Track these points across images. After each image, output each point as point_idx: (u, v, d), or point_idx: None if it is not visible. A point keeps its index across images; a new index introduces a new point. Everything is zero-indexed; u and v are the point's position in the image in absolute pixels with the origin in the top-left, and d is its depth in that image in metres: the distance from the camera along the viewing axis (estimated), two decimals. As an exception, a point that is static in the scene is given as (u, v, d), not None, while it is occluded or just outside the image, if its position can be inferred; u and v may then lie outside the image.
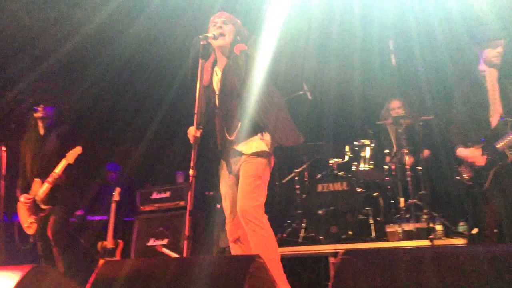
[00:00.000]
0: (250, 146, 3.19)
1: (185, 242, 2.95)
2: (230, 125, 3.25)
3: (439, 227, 4.38)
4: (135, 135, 6.25)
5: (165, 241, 5.22)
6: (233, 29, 3.31)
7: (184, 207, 5.16)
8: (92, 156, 6.33)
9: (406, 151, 4.85)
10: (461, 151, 3.79)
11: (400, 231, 4.51)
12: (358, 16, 5.44)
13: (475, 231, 4.05)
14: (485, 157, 3.66)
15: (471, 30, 3.81)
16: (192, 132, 3.19)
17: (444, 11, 4.72)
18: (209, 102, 3.37)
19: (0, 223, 4.61)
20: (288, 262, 4.64)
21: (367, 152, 5.27)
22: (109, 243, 5.32)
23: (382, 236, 4.70)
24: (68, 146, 4.50)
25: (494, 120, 3.72)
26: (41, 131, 4.66)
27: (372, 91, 5.81)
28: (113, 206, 5.50)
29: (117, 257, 5.28)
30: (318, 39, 5.79)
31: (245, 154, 3.19)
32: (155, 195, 5.48)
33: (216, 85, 3.34)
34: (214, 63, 3.41)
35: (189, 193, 3.01)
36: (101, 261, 5.28)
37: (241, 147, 3.21)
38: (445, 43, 4.53)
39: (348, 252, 1.97)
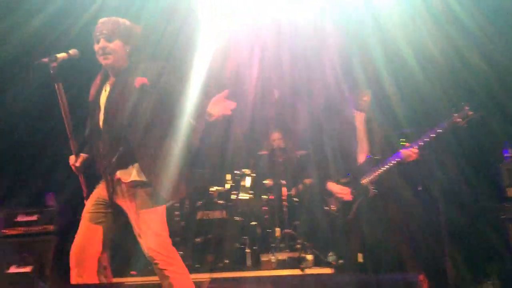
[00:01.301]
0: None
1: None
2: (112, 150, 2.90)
3: (309, 257, 4.59)
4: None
5: (28, 269, 4.80)
6: (120, 44, 2.91)
7: (53, 232, 4.83)
8: None
9: (284, 182, 5.06)
10: (331, 186, 4.05)
11: (274, 260, 4.65)
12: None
13: (341, 261, 4.32)
14: (350, 193, 3.95)
15: (342, 76, 4.14)
16: (72, 161, 2.97)
17: (316, 54, 5.10)
18: (92, 119, 3.01)
19: None
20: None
21: (247, 182, 5.38)
22: (-40, 270, 4.77)
23: (257, 265, 4.79)
24: None
25: (361, 157, 4.05)
26: None
27: (256, 122, 5.99)
28: (-30, 228, 4.96)
29: (-31, 286, 4.73)
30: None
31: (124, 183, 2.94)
32: (20, 218, 5.04)
33: (102, 102, 2.98)
34: (105, 77, 3.04)
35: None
36: (-51, 291, 4.70)
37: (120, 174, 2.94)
38: (320, 80, 4.86)
39: (214, 280, 1.98)
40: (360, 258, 3.98)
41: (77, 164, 2.97)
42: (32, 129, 5.42)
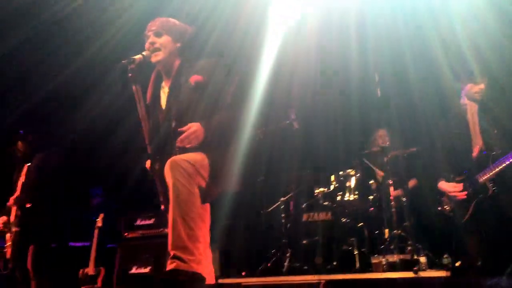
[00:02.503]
0: None
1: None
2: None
3: (423, 259, 4.38)
4: (121, 160, 6.21)
5: (147, 269, 5.14)
6: (169, 39, 2.92)
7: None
8: (75, 180, 6.30)
9: (391, 182, 4.89)
10: (443, 185, 3.84)
11: (384, 263, 4.51)
12: (347, 48, 5.57)
13: (458, 263, 4.07)
14: (466, 191, 3.71)
15: (453, 65, 3.91)
16: (148, 165, 2.98)
17: (427, 46, 4.86)
18: (154, 120, 2.98)
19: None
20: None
21: (352, 182, 5.29)
22: (90, 270, 5.23)
23: (367, 267, 4.69)
24: (40, 169, 4.47)
25: (475, 152, 3.79)
26: (24, 159, 4.67)
27: (359, 121, 5.89)
28: (96, 232, 5.43)
29: (99, 284, 5.17)
30: (306, 70, 5.91)
31: None
32: (139, 222, 5.42)
33: (163, 103, 2.98)
34: (159, 78, 3.03)
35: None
36: (82, 289, 5.19)
37: None
38: (429, 75, 4.64)
39: (328, 282, 1.97)
40: (478, 260, 3.75)
41: (155, 167, 2.93)
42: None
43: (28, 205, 4.37)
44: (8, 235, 4.50)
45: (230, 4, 4.94)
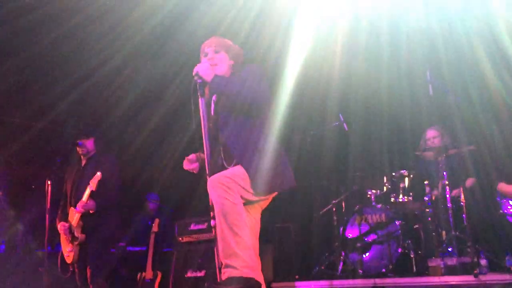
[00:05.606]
0: None
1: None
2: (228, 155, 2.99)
3: (483, 262, 4.20)
4: (176, 166, 6.38)
5: (202, 273, 5.22)
6: (226, 56, 3.15)
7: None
8: (132, 186, 6.52)
9: (446, 182, 4.73)
10: (503, 187, 3.67)
11: (442, 266, 4.35)
12: (395, 46, 5.44)
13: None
14: None
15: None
16: (185, 166, 3.20)
17: (483, 43, 4.65)
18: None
19: (44, 253, 4.81)
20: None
21: (405, 183, 5.16)
22: (148, 274, 5.38)
23: (424, 270, 4.56)
24: (105, 176, 4.60)
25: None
26: (83, 163, 4.83)
27: (411, 121, 5.74)
28: (152, 237, 5.58)
29: (156, 288, 5.33)
30: (357, 70, 5.83)
31: None
32: (193, 226, 5.51)
33: (209, 113, 3.13)
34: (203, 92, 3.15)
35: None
36: (140, 293, 5.35)
37: None
38: (484, 74, 4.45)
39: (383, 287, 1.93)
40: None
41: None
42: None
43: (92, 212, 4.52)
44: (65, 240, 4.64)
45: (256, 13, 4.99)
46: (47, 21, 5.03)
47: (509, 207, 3.67)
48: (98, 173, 4.49)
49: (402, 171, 5.17)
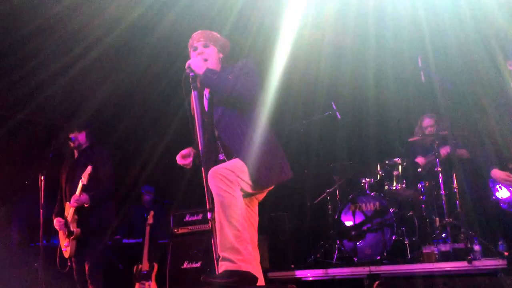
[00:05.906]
0: None
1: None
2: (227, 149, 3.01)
3: (477, 247, 4.24)
4: (171, 157, 6.36)
5: (198, 264, 5.24)
6: (215, 49, 3.15)
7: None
8: (126, 179, 6.50)
9: (439, 169, 4.76)
10: (496, 173, 3.70)
11: (437, 252, 4.39)
12: (388, 34, 5.43)
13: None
14: None
15: (504, 48, 3.73)
16: (179, 161, 3.21)
17: (473, 28, 4.65)
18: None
19: (39, 247, 4.81)
20: (322, 285, 4.63)
21: (399, 171, 5.18)
22: (144, 266, 5.39)
23: (418, 257, 4.60)
24: (98, 169, 4.58)
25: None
26: (75, 157, 4.81)
27: (402, 109, 5.75)
28: (148, 229, 5.58)
29: (152, 280, 5.33)
30: (349, 58, 5.82)
31: None
32: (187, 218, 5.52)
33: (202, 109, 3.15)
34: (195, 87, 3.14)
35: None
36: (137, 285, 5.36)
37: None
38: (478, 59, 4.45)
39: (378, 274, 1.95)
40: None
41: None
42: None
43: (86, 205, 4.50)
44: (62, 235, 4.64)
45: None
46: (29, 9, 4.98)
47: (501, 192, 3.69)
48: (89, 167, 4.47)
49: (395, 159, 5.18)
